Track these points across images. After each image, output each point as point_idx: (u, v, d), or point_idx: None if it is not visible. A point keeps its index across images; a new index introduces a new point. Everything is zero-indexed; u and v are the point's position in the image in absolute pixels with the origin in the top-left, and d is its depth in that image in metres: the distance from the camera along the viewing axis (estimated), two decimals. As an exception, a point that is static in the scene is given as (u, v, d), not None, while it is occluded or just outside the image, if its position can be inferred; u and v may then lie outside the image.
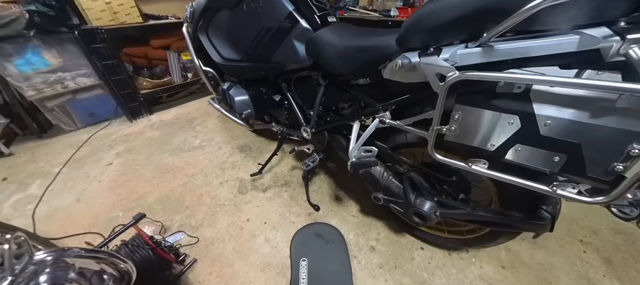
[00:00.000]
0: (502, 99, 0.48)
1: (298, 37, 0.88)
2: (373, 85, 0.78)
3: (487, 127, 0.51)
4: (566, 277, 1.00)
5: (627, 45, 0.37)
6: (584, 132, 0.42)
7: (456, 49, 0.49)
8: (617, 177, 0.42)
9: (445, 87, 0.50)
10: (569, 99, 0.42)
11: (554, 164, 0.46)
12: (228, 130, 1.92)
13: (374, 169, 0.87)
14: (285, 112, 1.18)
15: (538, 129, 0.45)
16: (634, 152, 0.39)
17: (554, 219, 0.62)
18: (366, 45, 0.70)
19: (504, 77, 0.44)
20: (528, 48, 0.44)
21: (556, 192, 0.47)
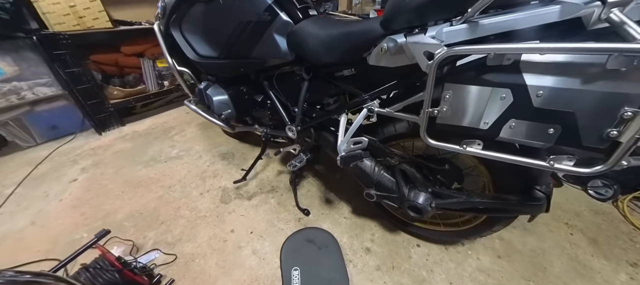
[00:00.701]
0: (493, 73, 0.47)
1: (279, 30, 0.84)
2: (359, 75, 0.76)
3: (479, 104, 0.49)
4: (558, 261, 1.00)
5: (607, 9, 0.38)
6: (576, 99, 0.41)
7: (441, 27, 0.48)
8: (613, 144, 0.41)
9: (434, 64, 0.48)
10: (558, 66, 0.42)
11: (549, 136, 0.45)
12: (209, 138, 1.81)
13: (364, 164, 0.83)
14: (269, 113, 1.12)
15: (531, 100, 0.44)
16: (627, 115, 0.38)
17: (549, 199, 0.61)
18: (350, 30, 0.68)
19: (493, 48, 0.43)
20: (512, 21, 0.44)
21: (553, 166, 0.46)
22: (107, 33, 1.78)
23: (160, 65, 2.04)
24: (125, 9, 2.04)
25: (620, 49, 0.35)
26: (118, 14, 1.94)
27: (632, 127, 0.38)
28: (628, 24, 0.36)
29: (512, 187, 0.66)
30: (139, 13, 2.09)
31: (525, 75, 0.43)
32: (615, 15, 0.37)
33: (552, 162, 0.46)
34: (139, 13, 2.09)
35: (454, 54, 0.46)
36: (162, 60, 2.01)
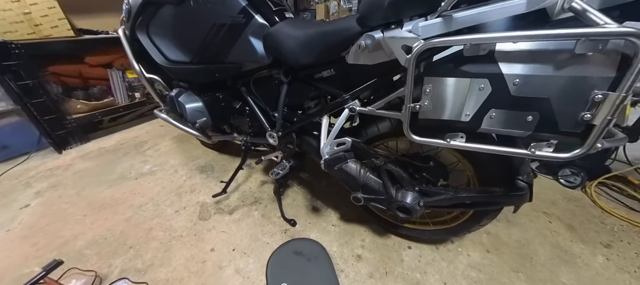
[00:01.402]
0: (470, 64, 0.47)
1: (254, 33, 0.82)
2: (338, 75, 0.74)
3: (459, 96, 0.49)
4: (542, 249, 1.03)
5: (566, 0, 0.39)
6: (550, 85, 0.42)
7: (417, 22, 0.48)
8: (587, 127, 0.41)
9: (413, 57, 0.47)
10: (532, 54, 0.42)
11: (528, 124, 0.45)
12: (185, 151, 1.70)
13: (349, 167, 0.81)
14: (248, 120, 1.07)
15: (508, 89, 0.44)
16: (598, 97, 0.39)
17: (531, 188, 0.62)
18: (327, 29, 0.66)
19: (467, 38, 0.43)
20: (484, 13, 0.45)
21: (535, 153, 0.46)
22: (69, 42, 1.64)
23: (131, 76, 1.92)
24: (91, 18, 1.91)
25: (585, 33, 0.36)
26: (83, 23, 1.81)
27: (604, 109, 0.39)
28: (590, 10, 0.37)
29: (496, 179, 0.67)
30: (106, 22, 1.97)
31: (501, 64, 0.44)
32: (577, 4, 0.38)
33: (534, 149, 0.47)
34: (107, 22, 1.97)
35: (431, 46, 0.46)
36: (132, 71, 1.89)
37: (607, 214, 1.22)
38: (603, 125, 0.39)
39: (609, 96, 0.38)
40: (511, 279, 0.92)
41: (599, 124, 0.40)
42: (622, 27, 0.34)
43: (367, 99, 0.71)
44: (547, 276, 0.94)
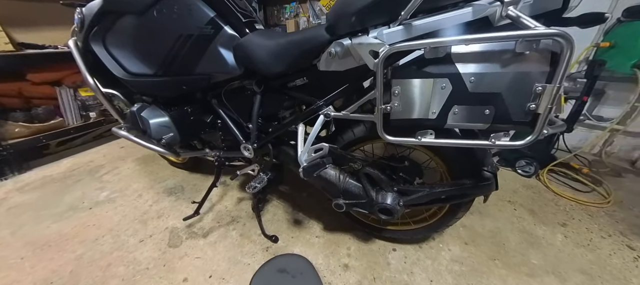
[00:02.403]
0: (431, 66, 0.50)
1: (224, 44, 0.80)
2: (311, 83, 0.75)
3: (424, 96, 0.52)
4: (512, 235, 1.11)
5: (505, 8, 0.45)
6: (500, 81, 0.46)
7: (382, 30, 0.52)
8: (534, 116, 0.46)
9: (380, 61, 0.50)
10: (482, 54, 0.47)
11: (486, 117, 0.49)
12: (151, 173, 1.56)
13: (329, 174, 0.80)
14: (220, 133, 1.02)
15: (466, 86, 0.48)
16: (539, 89, 0.44)
17: (496, 177, 0.67)
18: (298, 38, 0.68)
19: (427, 43, 0.47)
20: (438, 21, 0.49)
21: (495, 143, 0.50)
22: (5, 58, 1.43)
23: (85, 94, 1.73)
24: (36, 31, 1.71)
25: (520, 35, 0.42)
26: (25, 37, 1.61)
27: (544, 99, 0.44)
28: (523, 17, 0.43)
29: (465, 172, 0.71)
30: (53, 36, 1.78)
31: (458, 64, 0.48)
32: (512, 12, 0.44)
33: (494, 140, 0.51)
34: (54, 36, 1.78)
35: (395, 51, 0.49)
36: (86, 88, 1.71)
37: (559, 197, 1.37)
38: (546, 113, 0.45)
39: (547, 87, 0.44)
40: (490, 268, 0.97)
41: (543, 112, 0.45)
42: (549, 29, 0.39)
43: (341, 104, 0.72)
44: (520, 260, 1.00)
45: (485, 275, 0.94)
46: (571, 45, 0.39)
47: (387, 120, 0.57)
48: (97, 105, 1.80)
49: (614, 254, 1.06)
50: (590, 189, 1.43)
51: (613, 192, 1.39)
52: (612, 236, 1.14)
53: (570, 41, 0.39)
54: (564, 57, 0.40)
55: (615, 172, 1.62)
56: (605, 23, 1.49)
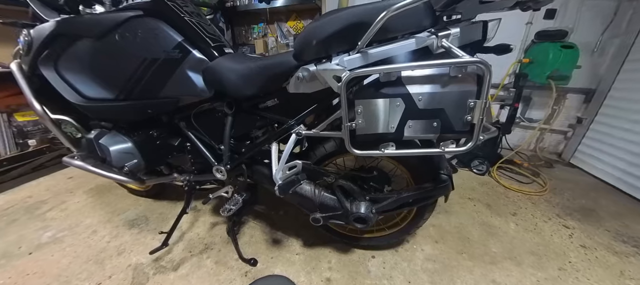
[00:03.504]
0: (387, 88, 0.58)
1: (192, 67, 0.80)
2: (282, 104, 0.78)
3: (384, 113, 0.59)
4: (474, 229, 1.24)
5: (439, 40, 0.54)
6: (442, 98, 0.55)
7: (342, 57, 0.58)
8: (471, 126, 0.55)
9: (343, 85, 0.56)
10: (426, 77, 0.56)
11: (435, 128, 0.58)
12: (107, 205, 1.40)
13: (304, 189, 0.83)
14: (190, 156, 0.99)
15: (416, 104, 0.56)
16: (472, 104, 0.54)
17: (451, 179, 0.76)
18: (268, 63, 0.71)
19: (380, 69, 0.55)
20: (389, 50, 0.57)
21: (444, 150, 0.58)
22: None
23: (22, 119, 1.51)
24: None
25: (451, 62, 0.51)
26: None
27: (477, 112, 0.54)
28: (453, 48, 0.52)
29: (425, 176, 0.80)
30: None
31: (408, 86, 0.56)
32: (444, 43, 0.53)
33: (443, 147, 0.59)
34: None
35: (355, 75, 0.55)
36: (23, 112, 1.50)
37: (508, 190, 1.58)
38: (480, 123, 0.54)
39: (477, 102, 0.53)
40: (459, 261, 1.06)
41: (477, 123, 0.54)
42: (472, 58, 0.49)
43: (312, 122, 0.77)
44: (483, 250, 1.12)
45: (456, 269, 1.02)
46: (489, 69, 0.49)
47: (353, 136, 0.63)
48: (38, 132, 1.58)
49: (555, 233, 1.24)
50: (531, 181, 1.68)
51: (548, 181, 1.65)
52: (551, 219, 1.34)
53: (488, 67, 0.49)
54: (485, 79, 0.50)
55: (547, 164, 1.92)
56: (524, 43, 1.83)
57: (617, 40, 1.69)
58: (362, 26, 0.53)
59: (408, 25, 0.56)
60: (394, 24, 0.55)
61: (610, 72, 1.71)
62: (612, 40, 1.70)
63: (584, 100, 1.87)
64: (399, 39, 0.57)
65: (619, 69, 1.66)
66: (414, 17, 0.55)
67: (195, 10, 0.93)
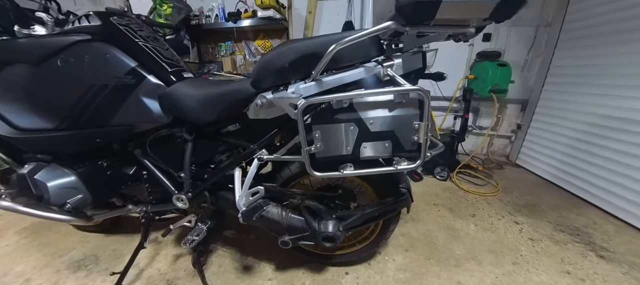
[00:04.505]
0: (340, 113, 0.62)
1: (147, 93, 0.78)
2: (243, 129, 0.78)
3: (339, 137, 0.62)
4: (439, 233, 1.32)
5: (384, 69, 0.60)
6: (390, 122, 0.60)
7: (298, 85, 0.61)
8: (419, 145, 0.61)
9: (299, 112, 0.58)
10: (375, 103, 0.61)
11: (387, 149, 0.62)
12: (46, 245, 1.21)
13: (271, 213, 0.82)
14: (147, 186, 0.92)
15: (368, 128, 0.61)
16: (417, 126, 0.59)
17: (410, 191, 0.82)
18: (227, 90, 0.71)
19: (333, 97, 0.59)
20: (341, 78, 0.62)
21: (397, 168, 0.63)
22: None
23: None
24: None
25: (394, 90, 0.57)
26: None
27: (422, 132, 0.59)
28: (396, 76, 0.58)
29: (387, 191, 0.84)
30: None
31: (359, 112, 0.60)
32: (389, 72, 0.59)
33: (396, 165, 0.63)
34: None
35: (310, 103, 0.58)
36: None
37: (467, 193, 1.72)
38: (425, 143, 0.59)
39: (421, 125, 0.59)
40: (427, 267, 1.11)
41: (423, 142, 0.60)
42: (413, 86, 0.54)
43: (274, 146, 0.77)
44: (448, 254, 1.19)
45: (425, 276, 1.07)
46: (427, 96, 0.55)
47: (313, 159, 0.65)
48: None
49: (508, 230, 1.37)
50: (485, 183, 1.86)
51: (500, 182, 1.84)
52: (504, 217, 1.49)
53: (426, 93, 0.55)
54: (425, 104, 0.56)
55: (498, 166, 2.16)
56: (469, 61, 2.09)
57: (539, 58, 2.02)
58: (315, 57, 0.57)
59: (357, 56, 0.62)
60: (344, 54, 0.60)
61: (537, 85, 2.03)
62: (536, 58, 2.03)
63: (521, 109, 2.17)
64: (351, 68, 0.62)
65: (543, 81, 1.98)
66: (362, 49, 0.61)
67: (151, 34, 0.90)
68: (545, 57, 1.96)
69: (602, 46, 1.58)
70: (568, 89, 1.79)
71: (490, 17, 0.52)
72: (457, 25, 0.56)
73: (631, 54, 1.44)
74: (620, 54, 1.49)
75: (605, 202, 1.53)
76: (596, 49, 1.62)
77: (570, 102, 1.76)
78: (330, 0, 2.15)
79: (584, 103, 1.67)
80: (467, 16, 0.54)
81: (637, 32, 1.41)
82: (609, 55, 1.55)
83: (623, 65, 1.48)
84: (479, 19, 0.54)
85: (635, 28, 1.42)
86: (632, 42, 1.43)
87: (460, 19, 0.54)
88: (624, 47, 1.47)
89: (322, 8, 2.19)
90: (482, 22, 0.55)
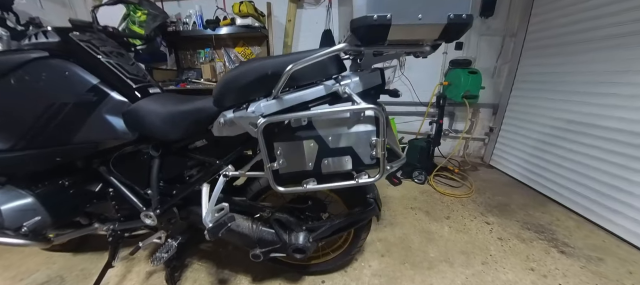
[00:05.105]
0: (300, 131, 0.63)
1: (111, 110, 0.77)
2: (211, 144, 0.79)
3: (301, 153, 0.64)
4: (415, 237, 1.36)
5: (343, 87, 0.62)
6: (348, 138, 0.63)
7: (260, 103, 0.62)
8: (378, 160, 0.63)
9: (259, 131, 0.59)
10: (332, 121, 0.63)
11: (347, 164, 0.64)
12: (6, 269, 1.15)
13: (241, 226, 0.82)
14: (113, 203, 0.89)
15: (327, 144, 0.63)
16: (374, 142, 0.62)
17: (377, 201, 0.85)
18: (190, 108, 0.71)
19: (289, 116, 0.60)
20: (302, 95, 0.63)
21: (359, 182, 0.65)
22: None
23: None
24: None
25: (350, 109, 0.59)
26: None
27: (379, 148, 0.62)
28: (353, 94, 0.60)
29: (356, 201, 0.87)
30: None
31: (318, 129, 0.62)
32: (348, 90, 0.61)
33: (358, 179, 0.66)
34: None
35: (270, 122, 0.59)
36: None
37: (443, 196, 1.79)
38: (383, 158, 0.62)
39: (378, 140, 0.62)
40: (402, 271, 1.14)
41: (381, 157, 0.62)
42: (367, 104, 0.57)
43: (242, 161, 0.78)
44: (422, 257, 1.23)
45: (399, 280, 1.10)
46: (382, 113, 0.58)
47: (277, 175, 0.66)
48: None
49: (479, 231, 1.44)
50: (461, 184, 1.94)
51: (474, 183, 1.93)
52: (477, 218, 1.56)
53: (381, 111, 0.58)
54: (380, 121, 0.59)
55: (473, 167, 2.26)
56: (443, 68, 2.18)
57: (506, 65, 2.15)
58: (275, 76, 0.58)
59: (317, 74, 0.64)
60: (304, 73, 0.61)
61: (506, 90, 2.15)
62: (504, 65, 2.16)
63: (492, 113, 2.30)
64: (312, 85, 0.64)
65: (511, 87, 2.10)
66: (321, 67, 0.63)
67: (115, 49, 0.88)
68: (512, 64, 2.09)
69: (563, 55, 1.71)
70: (534, 94, 1.91)
71: (440, 38, 0.55)
72: (411, 45, 0.60)
73: (589, 62, 1.56)
74: (580, 62, 1.61)
75: (567, 199, 1.65)
76: (558, 57, 1.75)
77: (536, 107, 1.88)
78: (309, 9, 2.19)
79: (548, 107, 1.79)
80: (418, 37, 0.57)
81: (594, 42, 1.53)
82: (569, 63, 1.67)
83: (582, 73, 1.60)
84: (430, 39, 0.57)
85: (592, 39, 1.54)
86: (590, 51, 1.55)
87: (412, 40, 0.58)
88: (583, 56, 1.59)
89: (301, 16, 2.22)
90: (433, 41, 0.59)
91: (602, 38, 1.48)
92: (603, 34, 1.47)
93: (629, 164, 1.34)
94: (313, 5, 2.17)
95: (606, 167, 1.45)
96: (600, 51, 1.50)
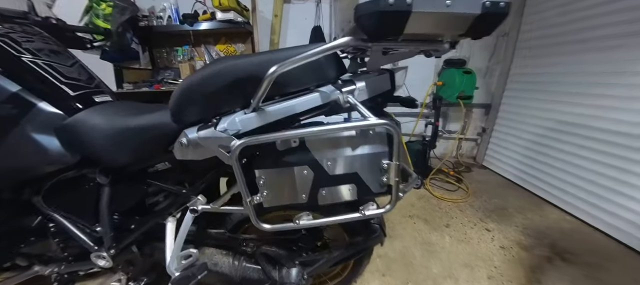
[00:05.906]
0: (290, 155, 0.48)
1: (39, 126, 0.59)
2: (175, 168, 0.61)
3: (291, 183, 0.49)
4: (416, 250, 1.26)
5: (344, 95, 0.48)
6: (353, 162, 0.49)
7: (234, 117, 0.46)
8: (389, 186, 0.50)
9: (234, 157, 0.43)
10: (332, 140, 0.49)
11: (351, 192, 0.51)
12: None
13: (220, 265, 0.66)
14: (56, 240, 0.70)
15: (326, 170, 0.49)
16: (385, 165, 0.48)
17: (382, 227, 0.72)
18: (143, 124, 0.54)
19: (275, 136, 0.45)
20: (292, 106, 0.48)
21: (365, 215, 0.52)
22: None
23: None
24: None
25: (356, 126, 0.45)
26: None
27: (392, 173, 0.49)
28: (359, 106, 0.46)
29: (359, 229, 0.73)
30: None
31: (313, 152, 0.48)
32: (351, 100, 0.47)
33: (364, 211, 0.52)
34: None
35: (248, 145, 0.43)
36: None
37: (440, 201, 1.72)
38: (397, 184, 0.49)
39: (391, 164, 0.48)
40: (405, 292, 1.04)
41: (394, 184, 0.49)
42: (379, 120, 0.43)
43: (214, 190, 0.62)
44: (425, 274, 1.13)
45: (403, 304, 0.99)
46: (397, 130, 0.44)
47: (261, 209, 0.51)
48: None
49: (480, 239, 1.37)
50: (456, 188, 1.88)
51: (470, 186, 1.88)
52: (476, 224, 1.49)
53: (396, 128, 0.44)
54: (395, 140, 0.45)
55: (467, 168, 2.22)
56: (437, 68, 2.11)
57: (499, 66, 2.11)
58: (253, 81, 0.43)
59: (310, 78, 0.49)
60: (293, 77, 0.46)
61: (498, 90, 2.12)
62: (496, 66, 2.13)
63: (485, 113, 2.27)
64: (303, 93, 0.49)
65: (504, 87, 2.07)
66: (315, 69, 0.48)
67: (48, 46, 0.68)
68: (504, 64, 2.06)
69: (555, 55, 1.68)
70: (526, 95, 1.89)
71: (468, 32, 0.42)
72: (429, 41, 0.47)
73: (581, 63, 1.53)
74: (572, 63, 1.58)
75: (562, 201, 1.63)
76: (550, 58, 1.72)
77: (528, 107, 1.86)
78: (297, 4, 2.02)
79: (540, 108, 1.77)
80: (440, 31, 0.44)
81: (585, 43, 1.50)
82: (561, 64, 1.65)
83: (574, 74, 1.57)
84: (453, 34, 0.45)
85: (584, 39, 1.51)
86: (581, 52, 1.53)
87: (432, 33, 0.45)
88: (575, 57, 1.57)
89: (288, 11, 2.05)
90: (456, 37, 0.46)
91: (596, 38, 1.46)
92: (597, 34, 1.45)
93: (627, 167, 1.32)
94: (301, 0, 2.01)
95: (601, 169, 1.43)
96: (593, 52, 1.47)
